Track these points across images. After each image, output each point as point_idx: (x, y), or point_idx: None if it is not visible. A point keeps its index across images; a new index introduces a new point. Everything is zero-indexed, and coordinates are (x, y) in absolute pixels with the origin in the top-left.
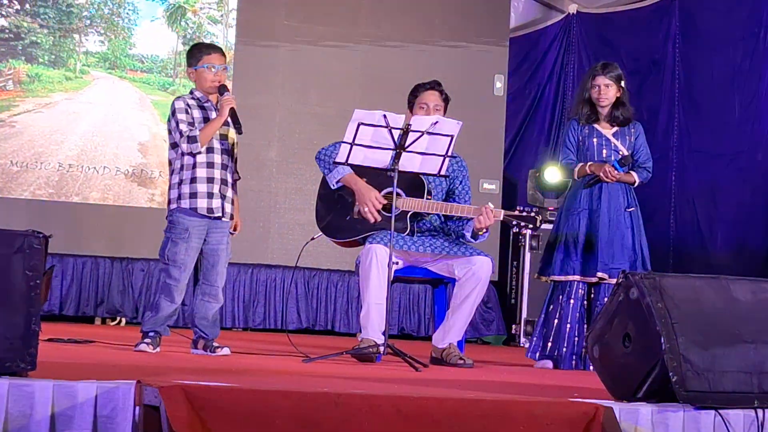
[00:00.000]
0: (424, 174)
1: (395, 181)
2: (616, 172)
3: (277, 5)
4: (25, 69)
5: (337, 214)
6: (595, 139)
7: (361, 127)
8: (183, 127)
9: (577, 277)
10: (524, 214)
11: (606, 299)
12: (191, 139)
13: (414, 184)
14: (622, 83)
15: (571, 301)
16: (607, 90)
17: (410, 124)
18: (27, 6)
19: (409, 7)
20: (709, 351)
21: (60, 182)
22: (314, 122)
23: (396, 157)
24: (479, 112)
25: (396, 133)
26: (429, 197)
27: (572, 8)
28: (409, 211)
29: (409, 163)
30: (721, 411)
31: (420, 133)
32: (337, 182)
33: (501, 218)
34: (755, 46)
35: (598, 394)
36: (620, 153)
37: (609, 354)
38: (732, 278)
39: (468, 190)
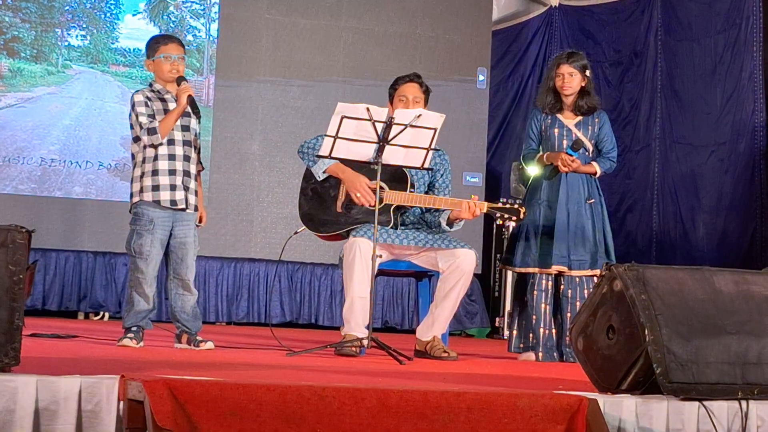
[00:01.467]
0: (407, 167)
1: (379, 175)
2: (572, 159)
3: None
4: (7, 64)
5: (320, 207)
6: (556, 130)
7: (345, 120)
8: (142, 119)
9: (536, 269)
10: (508, 206)
11: (570, 291)
12: (151, 131)
13: (397, 177)
14: (587, 72)
15: (535, 292)
16: (571, 79)
17: (393, 117)
18: (9, 1)
19: (391, 0)
20: (692, 342)
21: (42, 177)
22: (297, 116)
23: (379, 150)
24: (462, 105)
25: (379, 126)
26: (412, 189)
27: (554, 1)
28: (392, 204)
29: (392, 156)
30: (705, 402)
31: (403, 126)
32: (324, 172)
33: (485, 210)
34: (737, 36)
35: (583, 386)
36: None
37: (593, 346)
38: (715, 269)
39: (448, 183)
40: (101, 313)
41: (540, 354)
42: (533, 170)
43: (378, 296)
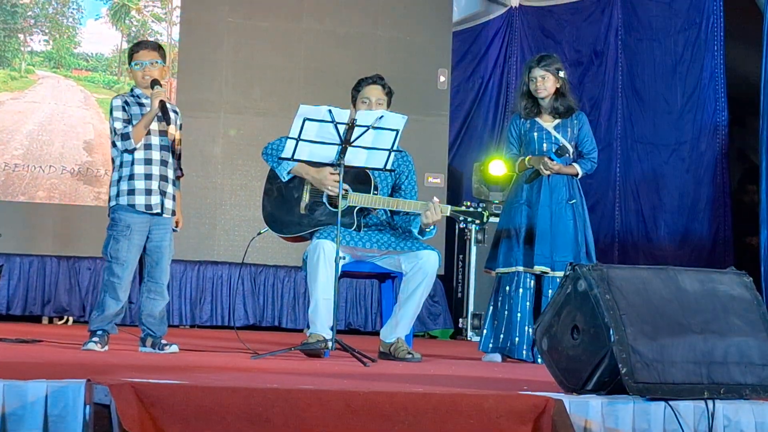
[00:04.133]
0: (369, 169)
1: (341, 176)
2: (554, 163)
3: (221, 2)
4: None
5: (283, 209)
6: (535, 133)
7: (307, 122)
8: (117, 125)
9: (520, 268)
10: (471, 209)
11: (551, 292)
12: (124, 137)
13: (360, 179)
14: (561, 74)
15: (520, 290)
16: (543, 82)
17: (355, 119)
18: None
19: (351, 2)
20: (657, 342)
21: (6, 182)
22: (259, 118)
23: (341, 152)
24: (423, 106)
25: (341, 128)
26: (376, 192)
27: (514, 1)
28: (355, 207)
29: (354, 157)
30: (671, 402)
31: (365, 128)
32: (288, 173)
33: (448, 214)
34: (697, 35)
35: (548, 387)
36: (561, 144)
37: (557, 346)
38: (680, 269)
39: (414, 184)
40: (65, 317)
41: (525, 352)
42: (498, 169)
43: (341, 298)
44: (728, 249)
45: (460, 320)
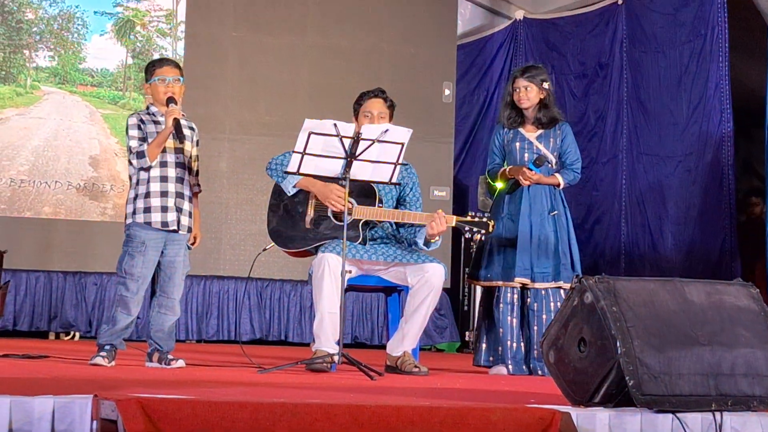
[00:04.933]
0: (375, 182)
1: (346, 190)
2: (533, 173)
3: (225, 17)
4: None
5: (288, 223)
6: (518, 143)
7: (312, 136)
8: (133, 143)
9: (499, 283)
10: (476, 219)
11: (536, 305)
12: (140, 155)
13: (365, 192)
14: (545, 85)
15: (501, 305)
16: (526, 92)
17: (360, 133)
18: None
19: (356, 16)
20: (664, 354)
21: (12, 198)
22: (264, 132)
23: (347, 166)
24: (428, 119)
25: (347, 142)
26: (380, 205)
27: (519, 14)
28: (360, 220)
29: (360, 171)
30: (678, 414)
31: (370, 142)
32: (294, 187)
33: (453, 224)
34: (702, 47)
35: (555, 400)
36: (542, 155)
37: (564, 359)
38: (686, 280)
39: (419, 197)
40: (72, 332)
41: (510, 367)
42: (498, 185)
43: (347, 312)
44: (735, 260)
45: (467, 333)
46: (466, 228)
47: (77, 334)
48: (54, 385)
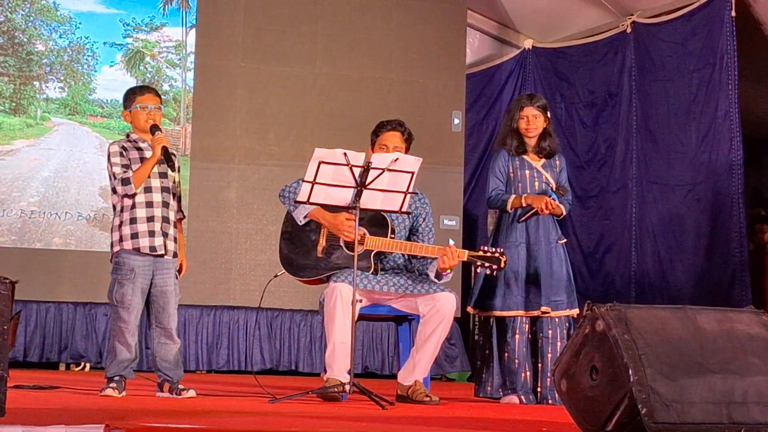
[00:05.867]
0: (385, 211)
1: (357, 219)
2: (554, 202)
3: (234, 48)
4: None
5: (300, 252)
6: (527, 171)
7: (322, 165)
8: (117, 170)
9: (520, 312)
10: (488, 254)
11: (550, 332)
12: (125, 181)
13: (377, 222)
14: (548, 113)
15: (517, 336)
16: (535, 120)
17: (371, 162)
18: None
19: (364, 46)
20: (677, 382)
21: (23, 229)
22: (273, 162)
23: (357, 195)
24: (438, 149)
25: (357, 171)
26: (393, 235)
27: (527, 43)
28: (372, 250)
29: (370, 200)
30: None
31: (380, 171)
32: (305, 217)
33: (465, 259)
34: (710, 76)
35: (568, 429)
36: (550, 185)
37: (576, 387)
38: (698, 308)
39: (432, 227)
40: (82, 363)
41: (523, 397)
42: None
43: (358, 341)
44: (746, 289)
45: (478, 363)
46: (479, 263)
47: (88, 365)
48: (66, 414)
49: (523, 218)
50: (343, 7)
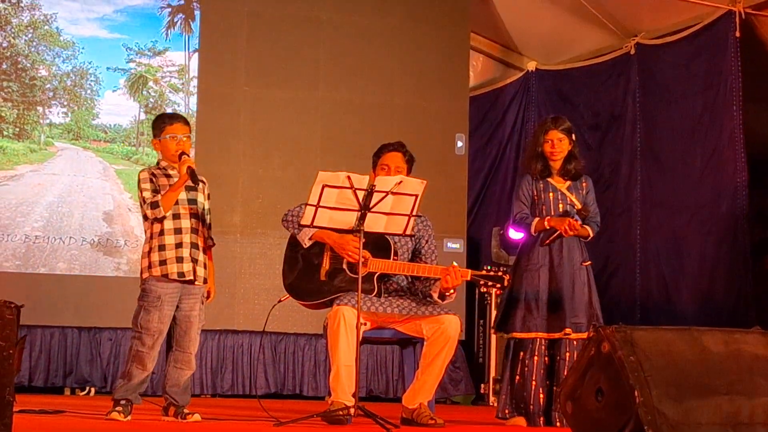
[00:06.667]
0: (389, 234)
1: (360, 242)
2: (578, 224)
3: (237, 72)
4: None
5: (304, 276)
6: (551, 194)
7: (326, 189)
8: (146, 195)
9: (541, 334)
10: (491, 273)
11: (568, 354)
12: (153, 205)
13: (380, 245)
14: (573, 136)
15: (535, 358)
16: (560, 144)
17: (374, 185)
18: None
19: (367, 70)
20: (683, 403)
21: (27, 254)
22: (277, 187)
23: (361, 218)
24: (442, 172)
25: (360, 194)
26: (395, 257)
27: (531, 65)
28: (375, 273)
29: (374, 223)
30: None
31: (384, 194)
32: (310, 239)
33: (468, 278)
34: (715, 98)
35: None
36: (575, 207)
37: (582, 409)
38: (703, 329)
39: (434, 249)
40: (87, 388)
41: (535, 418)
42: (516, 235)
43: (362, 365)
44: (751, 311)
45: (482, 386)
46: (482, 282)
47: (92, 390)
48: None
49: (547, 241)
50: (346, 31)
